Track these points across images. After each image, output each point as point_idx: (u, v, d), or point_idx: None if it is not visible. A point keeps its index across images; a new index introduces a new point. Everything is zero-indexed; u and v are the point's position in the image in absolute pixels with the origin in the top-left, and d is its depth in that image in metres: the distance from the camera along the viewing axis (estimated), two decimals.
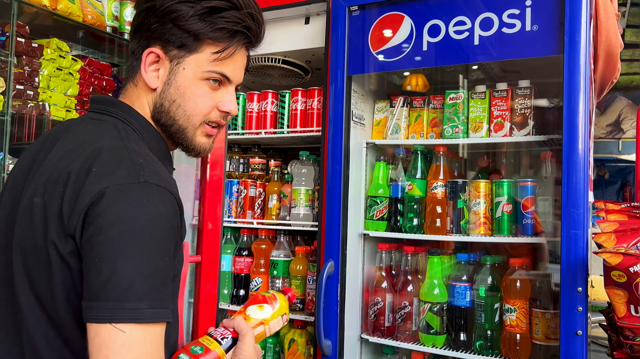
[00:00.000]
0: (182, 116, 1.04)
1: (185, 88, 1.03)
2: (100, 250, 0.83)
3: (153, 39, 1.01)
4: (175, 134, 1.06)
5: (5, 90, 2.10)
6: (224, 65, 1.03)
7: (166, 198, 0.89)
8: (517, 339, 1.77)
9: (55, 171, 0.91)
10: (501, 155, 2.09)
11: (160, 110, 1.04)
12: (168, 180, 0.93)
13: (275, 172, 2.45)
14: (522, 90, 1.83)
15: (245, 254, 2.38)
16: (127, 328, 0.81)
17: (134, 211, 0.85)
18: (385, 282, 2.02)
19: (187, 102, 1.03)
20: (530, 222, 1.78)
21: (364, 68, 1.94)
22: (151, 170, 0.91)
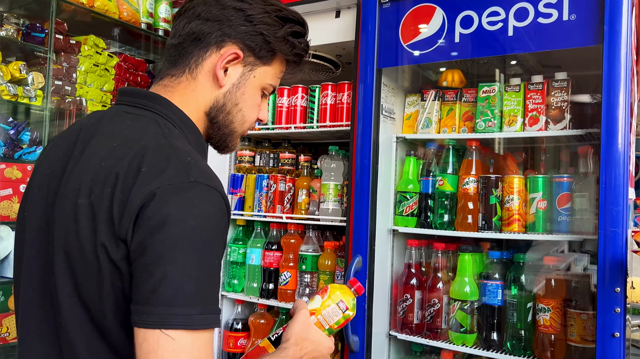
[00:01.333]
0: (239, 120, 1.07)
1: (249, 95, 1.05)
2: (151, 253, 0.81)
3: (233, 37, 1.02)
4: (224, 134, 1.08)
5: (44, 85, 2.17)
6: (278, 81, 1.09)
7: (215, 199, 0.87)
8: (550, 340, 1.71)
9: (101, 171, 0.88)
10: (537, 150, 2.02)
11: (222, 109, 1.05)
12: (215, 178, 0.91)
13: (305, 167, 2.45)
14: (559, 83, 1.76)
15: (274, 248, 2.39)
16: (176, 335, 0.79)
17: (185, 213, 0.83)
18: (415, 279, 1.99)
19: (247, 108, 1.06)
20: (566, 219, 1.72)
21: (394, 61, 1.91)
22: (200, 168, 0.89)
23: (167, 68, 1.06)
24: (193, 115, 1.04)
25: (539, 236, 1.76)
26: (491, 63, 1.97)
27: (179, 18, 1.07)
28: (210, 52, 1.02)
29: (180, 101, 1.02)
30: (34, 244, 0.96)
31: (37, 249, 0.95)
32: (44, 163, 1.01)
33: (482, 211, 1.87)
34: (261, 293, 2.40)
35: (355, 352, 1.85)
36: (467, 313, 1.85)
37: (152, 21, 2.68)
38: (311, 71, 2.58)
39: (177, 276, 0.80)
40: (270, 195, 2.43)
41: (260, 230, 2.49)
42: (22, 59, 2.19)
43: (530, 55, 1.85)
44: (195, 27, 1.03)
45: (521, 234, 1.80)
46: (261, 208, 2.44)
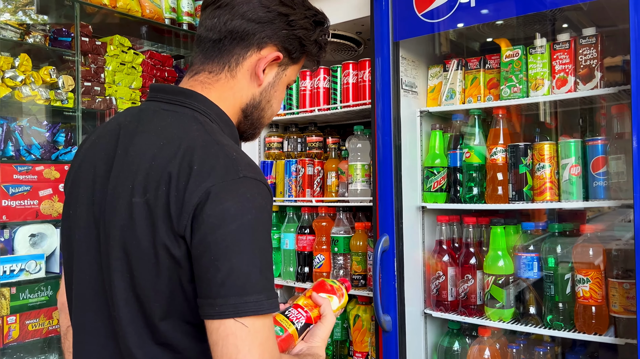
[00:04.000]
0: (269, 114, 1.12)
1: (280, 92, 1.11)
2: (216, 249, 0.85)
3: (274, 39, 1.05)
4: (255, 127, 1.13)
5: (74, 87, 2.25)
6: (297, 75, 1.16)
7: (263, 191, 0.92)
8: (592, 312, 1.63)
9: (153, 170, 0.92)
10: (567, 113, 1.91)
11: (257, 105, 1.09)
12: (259, 171, 0.96)
13: (333, 149, 2.43)
14: (587, 40, 1.65)
15: (307, 232, 2.39)
16: (249, 321, 0.84)
17: (241, 208, 0.87)
18: (447, 255, 1.94)
19: (276, 103, 1.12)
20: (601, 184, 1.62)
21: (410, 32, 1.85)
22: (246, 163, 0.94)
23: (202, 63, 1.07)
24: (229, 111, 1.07)
25: (573, 203, 1.67)
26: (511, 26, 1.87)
27: (216, 11, 1.06)
28: (251, 52, 1.05)
29: (217, 97, 1.05)
30: (84, 241, 1.00)
31: (87, 246, 0.99)
32: (86, 162, 1.03)
33: (512, 182, 1.79)
34: (297, 277, 2.41)
35: (388, 331, 1.84)
36: (502, 288, 1.79)
37: (175, 16, 2.71)
38: (333, 51, 2.54)
39: (243, 267, 0.85)
40: (299, 179, 2.43)
41: (292, 215, 2.50)
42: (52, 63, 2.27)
43: (554, 13, 1.74)
44: (238, 26, 1.04)
45: (554, 203, 1.71)
46: (291, 193, 2.45)
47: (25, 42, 2.14)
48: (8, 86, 2.04)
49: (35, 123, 2.17)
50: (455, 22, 1.74)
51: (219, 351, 0.84)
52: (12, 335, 2.06)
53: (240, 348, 0.83)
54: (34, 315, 2.15)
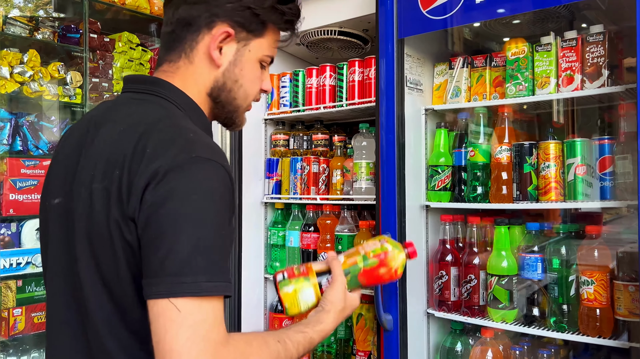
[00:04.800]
0: (242, 96, 1.08)
1: (248, 70, 1.07)
2: (156, 228, 0.84)
3: (222, 17, 1.03)
4: (230, 111, 1.10)
5: (82, 83, 2.27)
6: (274, 50, 1.10)
7: (218, 172, 0.89)
8: (596, 315, 1.59)
9: (112, 156, 0.92)
10: (574, 112, 1.88)
11: (222, 87, 1.06)
12: (219, 153, 0.93)
13: (339, 147, 2.42)
14: (594, 37, 1.62)
15: (311, 230, 2.39)
16: (183, 302, 0.81)
17: (187, 188, 0.85)
18: (450, 255, 1.92)
19: (248, 82, 1.08)
20: (608, 185, 1.59)
21: (415, 29, 1.83)
22: (203, 144, 0.92)
23: (163, 55, 1.08)
24: (196, 98, 1.06)
25: (579, 203, 1.64)
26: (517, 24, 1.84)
27: (167, 6, 1.09)
28: (202, 34, 1.04)
29: (181, 85, 1.05)
30: (56, 233, 1.00)
31: (59, 238, 1.00)
32: (60, 155, 1.06)
33: (517, 181, 1.76)
34: None
35: (389, 331, 1.82)
36: (506, 289, 1.76)
37: None
38: (340, 49, 2.53)
39: (183, 247, 0.82)
40: (304, 177, 2.43)
41: (297, 213, 2.50)
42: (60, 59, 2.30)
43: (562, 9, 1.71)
44: (184, 13, 1.04)
45: (559, 203, 1.68)
46: (296, 191, 2.44)
47: (34, 38, 2.16)
48: (16, 81, 2.07)
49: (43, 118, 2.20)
50: (460, 19, 1.72)
51: (152, 331, 0.82)
52: (18, 327, 2.09)
53: (168, 329, 0.80)
54: (39, 308, 2.17)
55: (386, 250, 1.22)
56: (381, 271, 1.22)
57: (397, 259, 1.24)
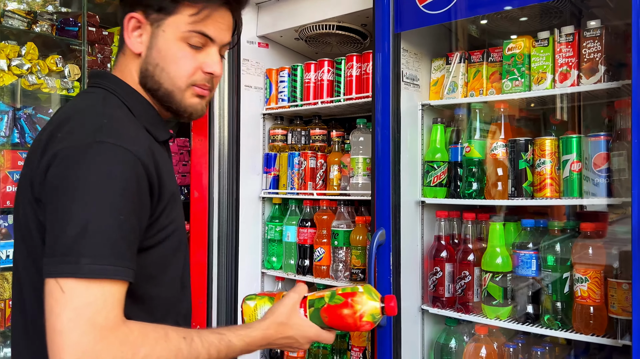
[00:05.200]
0: (167, 79, 1.05)
1: (166, 50, 1.04)
2: (52, 208, 0.87)
3: (134, 5, 1.04)
4: (162, 98, 1.07)
5: (80, 76, 2.28)
6: (204, 26, 1.04)
7: (124, 157, 0.89)
8: (590, 313, 1.58)
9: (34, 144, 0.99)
10: (570, 109, 1.86)
11: (146, 74, 1.06)
12: (133, 139, 0.93)
13: (336, 142, 2.41)
14: (591, 32, 1.60)
15: (308, 225, 2.39)
16: (67, 283, 0.82)
17: (83, 171, 0.87)
18: (445, 251, 1.91)
19: (169, 64, 1.04)
20: (603, 182, 1.58)
21: (411, 24, 1.82)
22: (112, 129, 0.92)
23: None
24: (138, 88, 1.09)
25: (574, 200, 1.63)
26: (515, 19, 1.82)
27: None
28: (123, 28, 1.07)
29: (121, 77, 1.08)
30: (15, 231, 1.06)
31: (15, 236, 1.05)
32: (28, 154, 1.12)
33: (512, 177, 1.75)
34: (297, 270, 2.41)
35: (383, 326, 1.82)
36: (500, 285, 1.76)
37: None
38: (339, 44, 2.52)
39: (71, 229, 0.84)
40: (301, 172, 2.43)
41: (295, 208, 2.49)
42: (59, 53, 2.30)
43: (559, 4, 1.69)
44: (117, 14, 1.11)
45: (554, 199, 1.67)
46: (294, 186, 2.44)
47: (32, 31, 2.17)
48: (14, 74, 2.07)
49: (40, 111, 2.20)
50: (456, 13, 1.71)
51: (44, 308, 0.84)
52: None
53: (53, 308, 0.82)
54: None
55: (355, 291, 1.13)
56: (344, 312, 1.11)
57: (365, 304, 1.11)
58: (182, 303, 1.11)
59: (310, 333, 1.11)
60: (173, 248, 1.04)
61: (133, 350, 0.85)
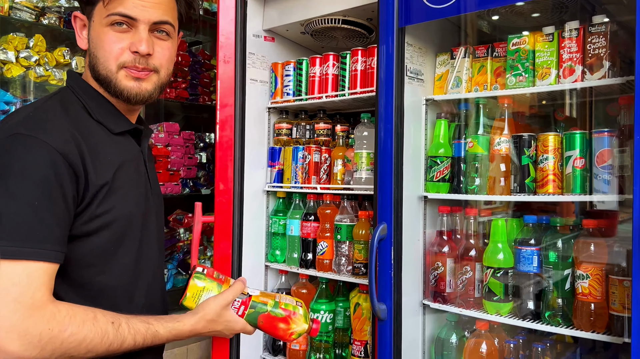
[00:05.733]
0: (99, 65, 1.12)
1: (95, 38, 1.12)
2: None
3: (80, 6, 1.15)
4: (103, 84, 1.14)
5: None
6: (120, 5, 1.09)
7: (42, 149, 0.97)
8: (590, 309, 1.58)
9: None
10: (575, 104, 1.84)
11: (90, 66, 1.14)
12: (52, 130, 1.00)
13: (341, 137, 2.42)
14: (596, 28, 1.59)
15: (311, 219, 2.39)
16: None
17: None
18: (447, 246, 1.91)
19: (98, 50, 1.12)
20: (606, 178, 1.57)
21: (416, 17, 1.81)
22: (33, 121, 1.01)
23: None
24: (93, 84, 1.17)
25: (576, 197, 1.62)
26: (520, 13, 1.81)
27: None
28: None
29: (85, 74, 1.19)
30: None
31: None
32: None
33: (514, 173, 1.74)
34: (300, 263, 2.42)
35: (383, 320, 1.82)
36: (501, 281, 1.75)
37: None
38: (345, 38, 2.52)
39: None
40: (305, 166, 2.43)
41: (298, 202, 2.50)
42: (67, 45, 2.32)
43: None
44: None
45: (556, 196, 1.66)
46: (298, 180, 2.45)
47: (40, 24, 2.19)
48: (22, 66, 2.09)
49: None
50: (462, 7, 1.70)
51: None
52: None
53: None
54: None
55: (297, 311, 1.30)
56: (280, 325, 1.28)
57: (299, 325, 1.30)
58: (135, 294, 1.15)
59: (236, 328, 1.24)
60: (114, 238, 1.09)
61: (59, 327, 0.94)
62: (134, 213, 1.15)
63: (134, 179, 1.18)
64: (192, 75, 2.88)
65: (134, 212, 1.15)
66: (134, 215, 1.15)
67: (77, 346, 0.96)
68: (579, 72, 1.62)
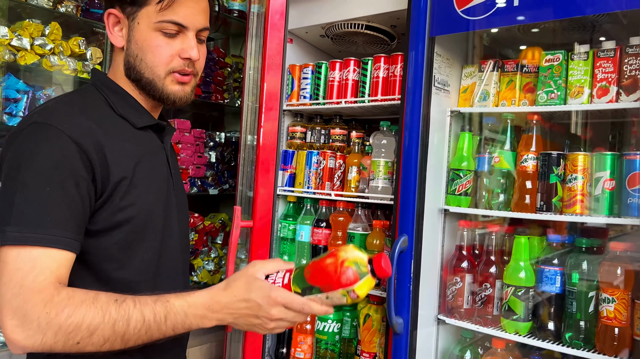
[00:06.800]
0: (146, 69, 1.11)
1: (142, 41, 1.09)
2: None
3: (113, 2, 1.12)
4: (145, 87, 1.13)
5: (102, 60, 2.23)
6: (173, 13, 1.08)
7: (56, 137, 0.97)
8: (614, 334, 1.55)
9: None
10: (607, 125, 1.83)
11: (129, 66, 1.12)
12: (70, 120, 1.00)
13: (357, 144, 2.38)
14: (634, 49, 1.57)
15: (323, 226, 2.35)
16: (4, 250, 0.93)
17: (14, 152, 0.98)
18: (466, 262, 1.88)
19: (146, 54, 1.10)
20: (637, 202, 1.54)
21: (448, 28, 1.78)
22: (52, 111, 1.02)
23: None
24: (121, 82, 1.15)
25: (605, 219, 1.60)
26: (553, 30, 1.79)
27: None
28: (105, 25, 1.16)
29: (112, 71, 1.17)
30: None
31: None
32: None
33: (541, 191, 1.72)
34: None
35: (399, 334, 1.79)
36: (522, 300, 1.72)
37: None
38: (366, 44, 2.49)
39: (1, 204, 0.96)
40: (319, 171, 2.39)
41: (310, 207, 2.46)
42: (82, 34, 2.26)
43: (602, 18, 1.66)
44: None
45: (584, 216, 1.64)
46: (310, 185, 2.40)
47: (56, 11, 2.12)
48: (37, 53, 2.03)
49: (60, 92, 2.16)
50: (495, 22, 1.68)
51: None
52: None
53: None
54: None
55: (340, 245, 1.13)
56: (327, 261, 1.00)
57: (349, 252, 1.00)
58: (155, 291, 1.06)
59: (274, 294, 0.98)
60: (137, 232, 1.07)
61: (56, 310, 0.92)
62: (156, 207, 1.13)
63: (156, 174, 1.16)
64: (206, 72, 2.82)
65: (155, 207, 1.13)
66: (156, 209, 1.13)
67: (77, 329, 0.91)
68: (613, 92, 1.60)
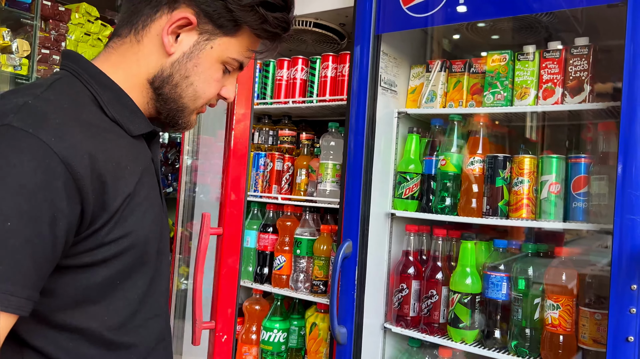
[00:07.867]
0: (190, 95, 0.93)
1: (204, 68, 0.91)
2: None
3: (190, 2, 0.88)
4: (172, 109, 0.93)
5: (30, 54, 2.08)
6: (247, 57, 0.94)
7: (38, 152, 0.71)
8: (559, 341, 1.52)
9: None
10: (553, 127, 1.80)
11: (168, 80, 0.91)
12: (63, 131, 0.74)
13: (306, 146, 2.29)
14: (579, 50, 1.54)
15: (270, 231, 2.25)
16: None
17: None
18: (412, 268, 1.82)
19: (201, 82, 0.92)
20: (581, 206, 1.51)
21: (394, 26, 1.72)
22: (36, 113, 0.73)
23: (117, 28, 0.93)
24: (129, 80, 0.90)
25: (550, 223, 1.56)
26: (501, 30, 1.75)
27: None
28: (161, 12, 0.89)
29: (115, 62, 0.89)
30: None
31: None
32: None
33: (487, 195, 1.67)
34: (255, 278, 2.27)
35: (343, 344, 1.70)
36: (468, 307, 1.67)
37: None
38: (315, 42, 2.41)
39: None
40: (266, 174, 2.30)
41: (257, 211, 2.36)
42: (8, 26, 2.10)
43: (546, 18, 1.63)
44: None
45: (530, 221, 1.60)
46: (257, 188, 2.31)
47: None
48: None
49: None
50: (441, 19, 1.62)
51: None
52: None
53: None
54: None
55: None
56: None
57: None
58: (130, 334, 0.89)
59: None
60: (126, 269, 0.85)
61: None
62: (151, 238, 0.91)
63: (151, 195, 0.92)
64: None
65: (150, 237, 0.91)
66: (151, 240, 0.91)
67: None
68: (559, 94, 1.56)
